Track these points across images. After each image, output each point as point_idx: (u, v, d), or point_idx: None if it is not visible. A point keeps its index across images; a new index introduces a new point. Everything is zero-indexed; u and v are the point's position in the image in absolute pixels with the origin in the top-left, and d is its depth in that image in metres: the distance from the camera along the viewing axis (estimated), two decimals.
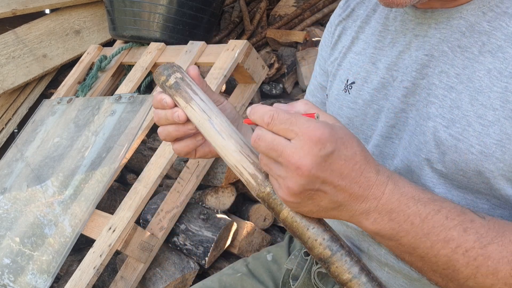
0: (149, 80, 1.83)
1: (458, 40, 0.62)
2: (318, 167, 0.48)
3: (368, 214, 0.51)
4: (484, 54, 0.60)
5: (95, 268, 1.17)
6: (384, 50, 0.71)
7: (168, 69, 0.64)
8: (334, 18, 0.84)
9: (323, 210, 0.52)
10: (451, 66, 0.62)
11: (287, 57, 1.89)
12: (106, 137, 1.43)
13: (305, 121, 0.48)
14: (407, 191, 0.52)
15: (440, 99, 0.62)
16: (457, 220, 0.51)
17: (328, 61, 0.83)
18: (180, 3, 1.73)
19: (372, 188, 0.51)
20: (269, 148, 0.49)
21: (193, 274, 1.32)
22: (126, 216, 1.23)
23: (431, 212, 0.51)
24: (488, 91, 0.58)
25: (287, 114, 0.49)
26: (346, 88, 0.75)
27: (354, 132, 0.74)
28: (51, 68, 2.11)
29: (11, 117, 2.14)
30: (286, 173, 0.49)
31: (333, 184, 0.49)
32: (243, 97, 1.51)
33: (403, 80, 0.67)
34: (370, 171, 0.51)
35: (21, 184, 1.50)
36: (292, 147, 0.48)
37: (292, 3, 2.19)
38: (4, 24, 2.16)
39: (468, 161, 0.59)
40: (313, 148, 0.47)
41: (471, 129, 0.59)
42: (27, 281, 1.25)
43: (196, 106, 0.60)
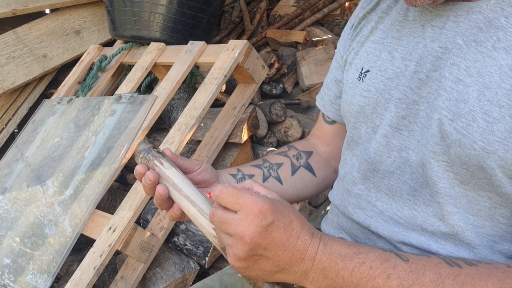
0: (149, 80, 1.83)
1: (475, 35, 0.62)
2: (260, 236, 0.54)
3: (307, 274, 0.57)
4: (498, 50, 0.59)
5: (95, 268, 1.17)
6: (402, 40, 0.71)
7: (152, 143, 0.75)
8: (358, 11, 0.83)
9: (268, 274, 0.58)
10: (463, 59, 0.62)
11: (287, 57, 1.89)
12: (106, 137, 1.43)
13: (249, 195, 0.56)
14: (334, 249, 0.58)
15: (448, 92, 0.62)
16: (381, 268, 0.56)
17: (346, 52, 0.83)
18: (180, 3, 1.73)
19: (307, 250, 0.57)
20: (220, 222, 0.56)
21: (193, 274, 1.32)
22: (126, 216, 1.23)
23: (357, 265, 0.56)
24: (497, 87, 0.58)
25: (234, 189, 0.56)
26: (360, 76, 0.75)
27: (364, 120, 0.75)
28: (51, 68, 2.11)
29: (11, 117, 2.14)
30: (233, 241, 0.56)
31: (274, 249, 0.55)
32: (243, 97, 1.51)
33: (417, 71, 0.67)
34: (306, 234, 0.57)
35: (21, 184, 1.50)
36: (238, 219, 0.55)
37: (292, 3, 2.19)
38: (4, 24, 2.16)
39: (471, 156, 0.59)
40: (255, 219, 0.54)
41: (476, 125, 0.59)
42: (27, 281, 1.25)
43: (178, 170, 0.70)
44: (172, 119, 1.70)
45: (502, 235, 0.63)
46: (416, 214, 0.68)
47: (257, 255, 0.56)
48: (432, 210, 0.66)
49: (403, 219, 0.69)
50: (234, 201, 0.56)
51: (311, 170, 0.91)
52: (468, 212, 0.63)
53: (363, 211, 0.75)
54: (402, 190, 0.69)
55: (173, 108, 1.72)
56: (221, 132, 1.45)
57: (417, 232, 0.68)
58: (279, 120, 1.59)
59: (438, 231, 0.66)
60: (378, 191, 0.72)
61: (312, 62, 1.80)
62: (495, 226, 0.63)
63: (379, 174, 0.72)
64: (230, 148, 1.50)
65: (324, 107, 0.92)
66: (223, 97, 1.72)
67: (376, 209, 0.73)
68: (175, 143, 1.31)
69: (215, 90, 1.37)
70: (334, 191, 0.85)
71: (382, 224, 0.72)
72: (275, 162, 0.89)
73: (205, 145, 1.44)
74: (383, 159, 0.71)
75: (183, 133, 1.31)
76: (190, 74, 1.77)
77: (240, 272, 0.58)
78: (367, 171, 0.74)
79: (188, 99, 1.71)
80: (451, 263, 0.57)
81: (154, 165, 0.70)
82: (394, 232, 0.70)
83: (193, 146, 1.59)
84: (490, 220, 0.63)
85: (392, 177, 0.70)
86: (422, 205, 0.67)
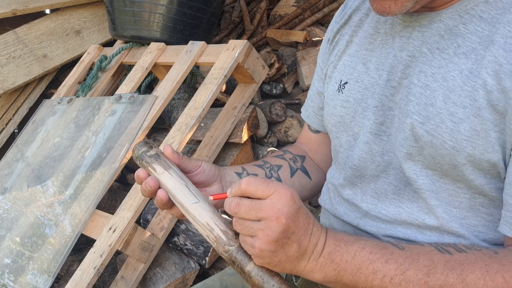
0: (150, 80, 1.83)
1: (437, 42, 0.67)
2: (291, 218, 0.57)
3: (318, 260, 0.61)
4: (459, 55, 0.64)
5: (96, 268, 1.17)
6: (374, 51, 0.76)
7: (148, 144, 0.75)
8: (333, 26, 0.87)
9: (289, 260, 0.60)
10: (429, 66, 0.67)
11: (287, 57, 1.89)
12: (106, 137, 1.43)
13: (277, 183, 0.59)
14: (338, 236, 0.62)
15: (417, 97, 0.67)
16: (379, 254, 0.60)
17: (325, 66, 0.87)
18: (180, 3, 1.73)
19: (320, 236, 0.61)
20: (249, 208, 0.58)
21: (193, 274, 1.32)
22: (126, 216, 1.23)
23: (358, 249, 0.61)
24: (460, 90, 0.62)
25: (262, 179, 0.59)
26: (340, 88, 0.79)
27: (344, 129, 0.79)
28: (52, 68, 2.11)
29: (11, 117, 2.14)
30: (265, 224, 0.57)
31: (299, 234, 0.59)
32: (243, 97, 1.51)
33: (390, 79, 0.72)
34: (318, 224, 0.62)
35: (22, 184, 1.50)
36: (270, 202, 0.57)
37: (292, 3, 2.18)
38: (4, 24, 2.16)
39: (443, 156, 0.64)
40: (288, 202, 0.57)
41: (444, 126, 0.63)
42: (27, 281, 1.25)
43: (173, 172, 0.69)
44: (172, 119, 1.70)
45: (485, 224, 0.67)
46: (401, 210, 0.71)
47: (287, 237, 0.58)
48: (417, 205, 0.70)
49: (388, 216, 0.73)
50: (265, 187, 0.58)
51: (307, 173, 0.94)
52: (450, 205, 0.67)
53: (352, 213, 0.79)
54: (387, 190, 0.73)
55: (173, 108, 1.72)
56: (221, 132, 1.45)
57: (403, 227, 0.72)
58: (279, 120, 1.59)
59: (424, 224, 0.69)
60: (364, 194, 0.76)
61: (312, 62, 1.80)
62: (477, 216, 0.67)
63: (366, 179, 0.76)
64: (230, 148, 1.50)
65: (309, 118, 0.95)
66: (223, 97, 1.72)
67: (362, 210, 0.76)
68: (175, 143, 1.31)
69: (215, 90, 1.37)
70: (324, 195, 0.89)
71: (370, 222, 0.76)
72: (275, 164, 0.91)
73: (205, 145, 1.44)
74: (367, 165, 0.75)
75: (183, 133, 1.31)
76: (190, 74, 1.77)
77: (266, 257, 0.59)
78: (353, 177, 0.78)
79: (188, 99, 1.71)
80: (442, 250, 0.61)
81: (149, 171, 0.71)
82: (381, 228, 0.74)
83: (193, 146, 1.59)
84: (471, 210, 0.67)
85: (378, 181, 0.74)
86: (407, 201, 0.71)
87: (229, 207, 0.59)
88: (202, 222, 0.63)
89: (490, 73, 0.60)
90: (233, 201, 0.59)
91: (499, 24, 0.62)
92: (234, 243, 0.61)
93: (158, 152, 0.72)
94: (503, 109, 0.59)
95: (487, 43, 0.62)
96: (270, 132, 1.61)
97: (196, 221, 0.64)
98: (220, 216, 0.65)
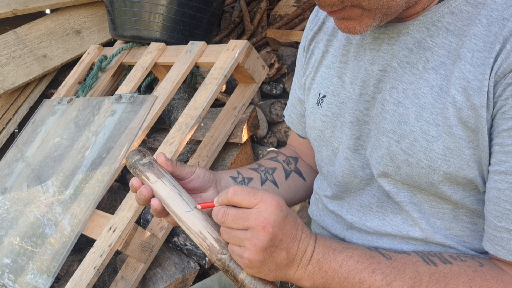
0: (149, 80, 1.83)
1: (406, 56, 0.65)
2: (278, 226, 0.57)
3: (307, 267, 0.60)
4: (428, 70, 0.62)
5: (96, 268, 1.17)
6: (348, 64, 0.74)
7: (141, 152, 0.75)
8: (307, 33, 0.84)
9: (279, 268, 0.60)
10: (400, 82, 0.65)
11: (288, 57, 1.89)
12: (106, 137, 1.43)
13: (263, 191, 0.58)
14: (327, 243, 0.62)
15: (391, 114, 0.65)
16: (366, 263, 0.60)
17: (304, 75, 0.85)
18: (180, 3, 1.73)
19: (309, 243, 0.61)
20: (236, 217, 0.57)
21: (193, 274, 1.32)
22: (126, 216, 1.23)
23: (345, 258, 0.61)
24: (431, 107, 0.61)
25: (248, 188, 0.59)
26: (319, 102, 0.78)
27: (324, 143, 0.78)
28: (52, 68, 2.11)
29: (11, 117, 2.14)
30: (252, 234, 0.57)
31: (287, 241, 0.59)
32: (243, 97, 1.51)
33: (363, 93, 0.70)
34: (307, 231, 0.61)
35: (22, 184, 1.50)
36: (256, 211, 0.57)
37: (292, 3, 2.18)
38: (4, 24, 2.16)
39: (420, 174, 0.63)
40: (275, 210, 0.57)
41: (418, 144, 0.62)
42: (27, 281, 1.25)
43: (166, 181, 0.69)
44: (172, 119, 1.70)
45: (470, 234, 0.66)
46: (385, 223, 0.70)
47: (274, 246, 0.58)
48: (401, 218, 0.69)
49: (372, 229, 0.72)
50: (251, 197, 0.58)
51: (300, 174, 0.93)
52: (433, 216, 0.66)
53: (339, 225, 0.78)
54: (371, 203, 0.72)
55: (173, 108, 1.72)
56: (221, 132, 1.45)
57: (388, 238, 0.71)
58: (279, 120, 1.59)
59: (408, 236, 0.68)
60: (351, 207, 0.76)
61: None
62: (462, 226, 0.66)
63: (352, 193, 0.75)
64: (230, 148, 1.50)
65: (293, 124, 0.94)
66: (223, 97, 1.72)
67: (347, 222, 0.76)
68: (175, 143, 1.31)
69: (215, 90, 1.37)
70: (312, 206, 0.88)
71: (356, 234, 0.75)
72: (269, 166, 0.90)
73: (205, 145, 1.44)
74: (350, 180, 0.74)
75: (183, 133, 1.31)
76: (190, 74, 1.77)
77: (255, 268, 0.58)
78: (340, 192, 0.77)
79: (188, 99, 1.71)
80: (428, 261, 0.61)
81: (142, 179, 0.71)
82: (367, 240, 0.73)
83: (193, 146, 1.59)
84: (455, 221, 0.66)
85: (364, 193, 0.74)
86: (391, 214, 0.70)
87: (216, 216, 0.59)
88: (195, 230, 0.63)
89: (458, 89, 0.59)
90: (220, 210, 0.59)
91: (465, 37, 0.60)
92: (227, 252, 0.61)
93: (151, 160, 0.72)
94: (474, 126, 0.58)
95: (455, 57, 0.60)
96: (270, 132, 1.61)
97: (189, 230, 0.64)
98: (213, 224, 0.64)
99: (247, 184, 0.85)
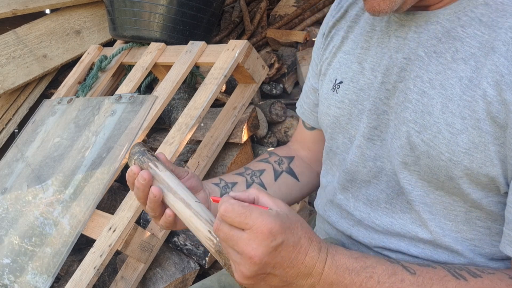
0: (149, 80, 1.83)
1: (434, 46, 0.63)
2: (269, 256, 0.53)
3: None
4: (457, 61, 0.60)
5: (96, 268, 1.17)
6: (370, 50, 0.72)
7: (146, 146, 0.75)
8: (328, 20, 0.84)
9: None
10: (425, 71, 0.63)
11: (288, 57, 1.89)
12: (106, 137, 1.43)
13: (258, 214, 0.53)
14: (342, 264, 0.57)
15: (414, 104, 0.64)
16: (388, 282, 0.56)
17: (320, 62, 0.84)
18: (180, 3, 1.73)
19: (315, 266, 0.56)
20: (227, 237, 0.54)
21: (193, 274, 1.32)
22: (126, 216, 1.23)
23: (364, 280, 0.56)
24: (458, 99, 0.59)
25: (241, 207, 0.53)
26: (334, 88, 0.76)
27: (340, 131, 0.76)
28: (52, 68, 2.10)
29: (11, 117, 2.14)
30: (240, 260, 0.54)
31: (282, 267, 0.54)
32: (243, 97, 1.51)
33: (384, 82, 0.68)
34: (314, 250, 0.56)
35: (22, 184, 1.50)
36: (246, 238, 0.53)
37: (292, 3, 2.18)
38: (4, 24, 2.16)
39: (440, 167, 0.61)
40: (265, 240, 0.52)
41: (441, 136, 0.60)
42: (27, 281, 1.25)
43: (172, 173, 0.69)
44: (172, 119, 1.70)
45: (482, 238, 0.64)
46: (394, 221, 0.69)
47: (265, 273, 0.55)
48: (410, 217, 0.67)
49: (381, 227, 0.70)
50: (242, 220, 0.53)
51: (293, 174, 0.92)
52: (445, 218, 0.64)
53: (345, 220, 0.76)
54: (379, 198, 0.71)
55: (173, 108, 1.72)
56: (221, 132, 1.45)
57: (396, 238, 0.69)
58: (279, 120, 1.59)
59: (416, 237, 0.67)
60: (357, 200, 0.74)
61: None
62: (473, 230, 0.64)
63: (357, 184, 0.74)
64: (230, 148, 1.50)
65: (304, 114, 0.93)
66: (223, 97, 1.72)
67: (355, 218, 0.74)
68: (175, 143, 1.31)
69: (215, 90, 1.37)
70: (318, 200, 0.87)
71: (363, 232, 0.73)
72: (257, 169, 0.89)
73: (205, 145, 1.44)
74: (359, 169, 0.73)
75: (183, 133, 1.31)
76: (190, 74, 1.77)
77: (248, 285, 0.57)
78: (345, 181, 0.75)
79: (188, 99, 1.71)
80: (456, 275, 0.57)
81: (148, 167, 0.70)
82: (374, 239, 0.71)
83: (193, 146, 1.59)
84: (467, 224, 0.64)
85: (370, 186, 0.72)
86: (400, 212, 0.68)
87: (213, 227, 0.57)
88: (205, 218, 0.62)
89: (490, 83, 0.57)
90: (215, 222, 0.56)
91: (499, 29, 0.58)
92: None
93: (156, 156, 0.73)
94: (503, 121, 0.56)
95: (487, 49, 0.58)
96: (270, 132, 1.61)
97: (198, 217, 0.62)
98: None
99: (231, 188, 0.84)
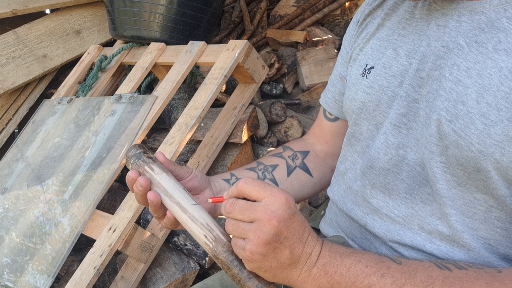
0: (149, 80, 1.83)
1: (476, 35, 0.62)
2: (284, 222, 0.56)
3: (311, 270, 0.59)
4: (499, 51, 0.59)
5: (96, 268, 1.17)
6: (407, 37, 0.71)
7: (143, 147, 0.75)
8: (363, 8, 0.83)
9: (281, 267, 0.58)
10: (464, 60, 0.62)
11: (288, 57, 1.89)
12: (106, 137, 1.43)
13: (273, 186, 0.58)
14: (334, 248, 0.61)
15: (447, 92, 0.62)
16: (375, 267, 0.58)
17: (351, 49, 0.83)
18: (181, 3, 1.73)
19: (315, 246, 0.60)
20: (243, 209, 0.57)
21: (193, 274, 1.32)
22: (126, 216, 1.23)
23: (353, 262, 0.59)
24: (496, 90, 0.58)
25: (259, 181, 0.58)
26: (364, 73, 0.76)
27: (366, 117, 0.75)
28: (52, 68, 2.11)
29: (11, 117, 2.14)
30: (257, 226, 0.56)
31: (292, 240, 0.57)
32: (243, 97, 1.51)
33: (419, 69, 0.68)
34: (313, 234, 0.60)
35: (22, 184, 1.50)
36: (264, 204, 0.56)
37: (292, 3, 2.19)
38: (4, 24, 2.16)
39: (468, 158, 0.60)
40: (283, 205, 0.56)
41: (473, 127, 0.59)
42: (27, 281, 1.25)
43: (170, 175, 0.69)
44: (172, 119, 1.70)
45: (497, 239, 0.64)
46: (414, 212, 0.68)
47: (278, 242, 0.57)
48: (431, 209, 0.66)
49: (400, 217, 0.69)
50: (260, 189, 0.57)
51: (307, 170, 0.91)
52: (464, 214, 0.64)
53: (359, 208, 0.75)
54: (399, 188, 0.70)
55: (173, 108, 1.72)
56: (221, 132, 1.45)
57: (413, 231, 0.68)
58: (279, 120, 1.59)
59: (436, 230, 0.66)
60: (373, 188, 0.73)
61: (312, 62, 1.81)
62: (490, 230, 0.63)
63: (375, 171, 0.73)
64: (230, 148, 1.50)
65: (327, 103, 0.92)
66: (223, 97, 1.72)
67: (371, 206, 0.73)
68: (175, 143, 1.31)
69: (215, 90, 1.37)
70: (334, 186, 0.85)
71: (378, 222, 0.72)
72: (270, 164, 0.89)
73: (205, 145, 1.44)
74: (380, 156, 0.72)
75: (183, 133, 1.31)
76: (190, 74, 1.77)
77: (256, 261, 0.57)
78: (365, 167, 0.74)
79: (188, 99, 1.71)
80: (441, 266, 0.59)
81: (144, 171, 0.70)
82: (389, 231, 0.70)
83: (193, 146, 1.59)
84: (485, 223, 0.63)
85: (388, 175, 0.71)
86: (420, 203, 0.67)
87: (224, 207, 0.59)
88: (201, 222, 0.63)
89: None
90: (228, 201, 0.59)
91: None
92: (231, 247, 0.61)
93: (153, 157, 0.72)
94: None
95: None
96: (270, 132, 1.61)
97: (194, 221, 0.63)
98: (217, 221, 0.65)
99: None
